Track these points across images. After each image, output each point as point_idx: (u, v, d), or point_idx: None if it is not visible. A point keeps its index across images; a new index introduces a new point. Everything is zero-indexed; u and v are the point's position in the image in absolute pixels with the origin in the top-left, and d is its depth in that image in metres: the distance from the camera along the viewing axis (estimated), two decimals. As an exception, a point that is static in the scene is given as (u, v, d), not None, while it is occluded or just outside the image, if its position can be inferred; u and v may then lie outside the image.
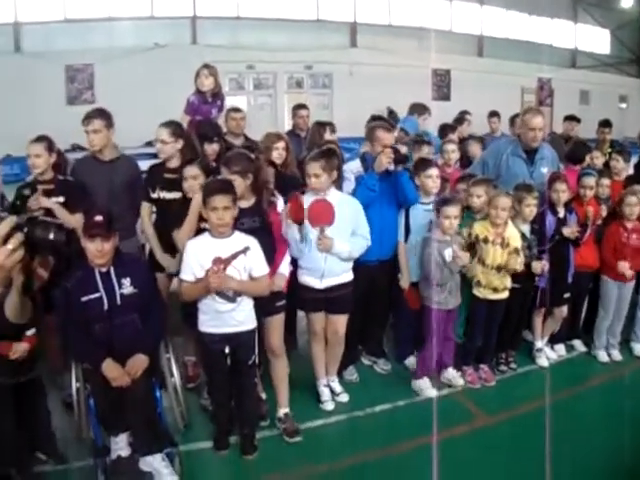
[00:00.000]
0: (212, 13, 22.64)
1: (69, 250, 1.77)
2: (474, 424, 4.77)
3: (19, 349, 3.90)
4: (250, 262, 4.21)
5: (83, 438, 4.29)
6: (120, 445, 4.11)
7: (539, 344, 5.88)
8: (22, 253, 1.70)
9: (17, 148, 5.56)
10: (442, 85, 25.17)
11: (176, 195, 4.98)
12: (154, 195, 5.09)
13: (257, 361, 4.49)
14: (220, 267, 4.12)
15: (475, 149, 7.23)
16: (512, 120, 8.16)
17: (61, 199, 4.93)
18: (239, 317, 4.26)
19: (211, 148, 5.41)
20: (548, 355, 5.92)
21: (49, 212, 4.82)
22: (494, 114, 9.28)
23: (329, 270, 4.71)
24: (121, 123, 5.24)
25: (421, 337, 5.26)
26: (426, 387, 5.17)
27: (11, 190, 5.25)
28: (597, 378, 5.73)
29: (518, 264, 5.18)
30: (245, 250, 4.19)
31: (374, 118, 6.69)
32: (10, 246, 1.66)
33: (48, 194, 4.93)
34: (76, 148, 12.06)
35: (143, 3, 22.01)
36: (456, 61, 24.12)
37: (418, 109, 7.99)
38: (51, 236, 1.76)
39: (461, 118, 8.58)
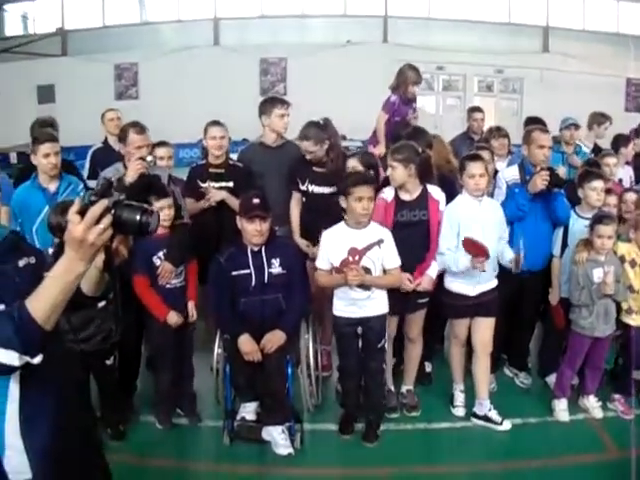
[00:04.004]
0: (403, 13, 22.78)
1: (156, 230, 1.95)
2: (602, 456, 4.46)
3: (173, 319, 4.52)
4: (383, 254, 4.34)
5: (219, 401, 4.71)
6: (247, 410, 4.50)
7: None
8: (110, 233, 1.88)
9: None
10: (637, 95, 23.59)
11: (324, 190, 5.18)
12: (303, 188, 5.28)
13: (386, 345, 4.62)
14: (355, 258, 4.28)
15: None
16: None
17: (230, 184, 5.29)
18: (372, 303, 4.42)
19: None
20: None
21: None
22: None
23: (484, 277, 4.66)
24: (309, 116, 5.46)
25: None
26: (560, 409, 4.92)
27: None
28: None
29: None
30: (379, 242, 4.32)
31: (530, 120, 6.51)
32: (102, 226, 1.84)
33: (218, 178, 5.32)
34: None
35: (336, 1, 22.69)
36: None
37: (597, 118, 7.60)
38: (137, 217, 1.90)
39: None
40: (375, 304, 4.43)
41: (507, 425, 4.70)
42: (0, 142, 15.08)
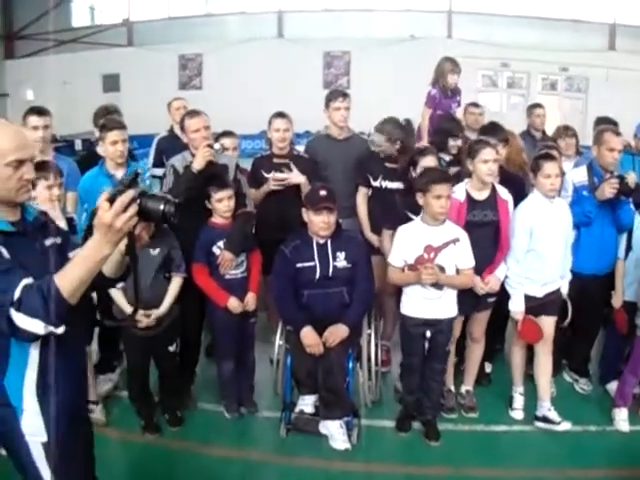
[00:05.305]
0: (468, 8, 22.57)
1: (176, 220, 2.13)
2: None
3: (234, 304, 4.55)
4: (457, 253, 4.29)
5: (277, 393, 4.75)
6: (306, 403, 4.50)
7: None
8: (136, 220, 2.09)
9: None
10: None
11: (398, 185, 5.14)
12: (375, 183, 5.27)
13: (450, 349, 4.60)
14: (430, 255, 4.23)
15: None
16: None
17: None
18: (442, 304, 4.36)
19: (455, 143, 5.49)
20: None
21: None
22: None
23: (551, 278, 4.62)
24: (370, 110, 5.44)
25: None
26: (621, 419, 4.76)
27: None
28: None
29: None
30: (455, 241, 4.26)
31: (600, 120, 6.36)
32: (128, 213, 2.04)
33: (282, 168, 5.30)
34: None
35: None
36: None
37: None
38: (161, 207, 2.11)
39: None
40: (445, 305, 4.38)
41: (566, 425, 4.60)
42: (65, 129, 15.41)
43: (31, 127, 4.82)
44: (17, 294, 2.10)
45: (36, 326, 2.10)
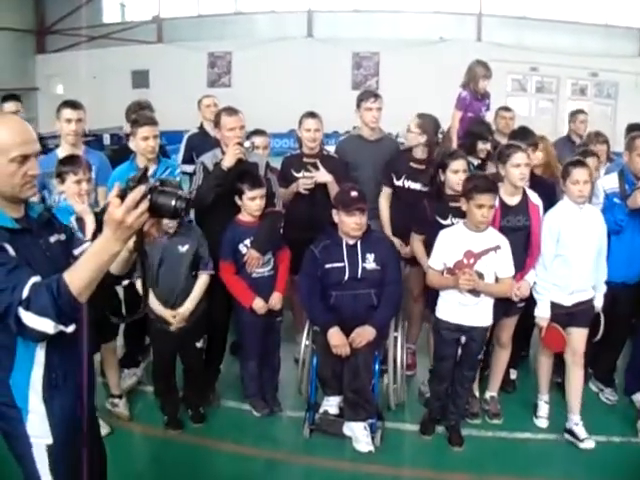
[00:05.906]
0: (498, 11, 22.42)
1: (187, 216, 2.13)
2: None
3: (259, 304, 4.54)
4: (498, 261, 4.24)
5: (301, 393, 4.73)
6: (330, 404, 4.49)
7: None
8: (147, 216, 2.05)
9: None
10: None
11: (422, 188, 5.11)
12: (398, 183, 5.24)
13: (481, 358, 4.57)
14: (470, 261, 4.20)
15: None
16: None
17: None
18: (478, 311, 4.31)
19: (485, 147, 5.44)
20: None
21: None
22: None
23: (579, 287, 4.53)
24: (401, 111, 5.42)
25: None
26: None
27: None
28: None
29: None
30: (496, 248, 4.22)
31: (633, 127, 6.28)
32: (139, 210, 2.00)
33: (309, 167, 5.29)
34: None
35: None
36: None
37: None
38: (172, 203, 2.07)
39: None
40: (481, 313, 4.33)
41: (589, 444, 4.49)
42: (94, 124, 15.54)
43: (64, 120, 4.85)
44: (25, 293, 2.05)
45: (46, 325, 2.05)
